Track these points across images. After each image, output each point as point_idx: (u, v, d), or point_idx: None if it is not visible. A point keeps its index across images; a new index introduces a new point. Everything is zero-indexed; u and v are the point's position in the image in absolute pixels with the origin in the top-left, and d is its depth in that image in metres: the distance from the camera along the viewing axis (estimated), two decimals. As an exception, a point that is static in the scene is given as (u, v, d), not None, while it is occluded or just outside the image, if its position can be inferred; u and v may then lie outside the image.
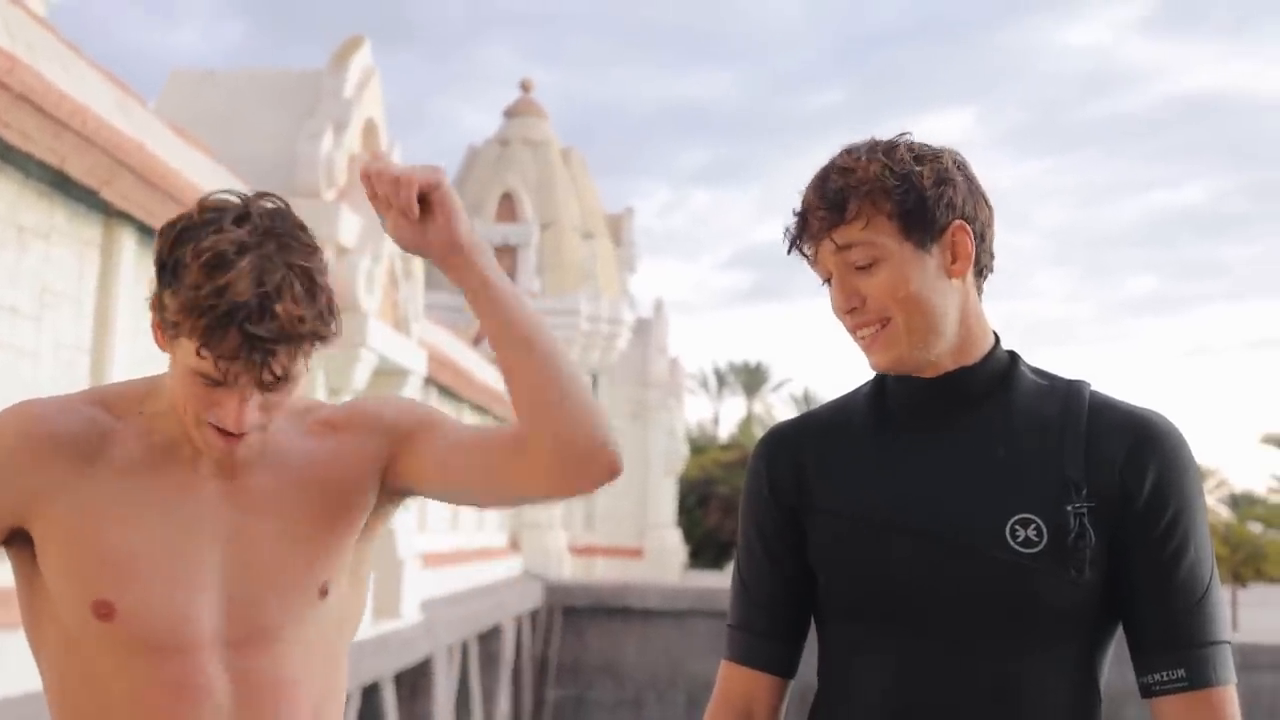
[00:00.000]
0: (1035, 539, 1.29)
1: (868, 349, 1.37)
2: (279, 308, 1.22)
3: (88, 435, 1.31)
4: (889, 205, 1.32)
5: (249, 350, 1.22)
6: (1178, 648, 1.31)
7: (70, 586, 1.28)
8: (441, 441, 1.36)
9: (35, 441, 1.29)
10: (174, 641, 1.27)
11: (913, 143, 1.37)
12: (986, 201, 1.40)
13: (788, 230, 1.38)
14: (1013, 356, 1.41)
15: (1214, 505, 35.08)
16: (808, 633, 1.45)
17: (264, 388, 1.25)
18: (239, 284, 1.21)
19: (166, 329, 1.26)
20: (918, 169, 1.33)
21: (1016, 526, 1.30)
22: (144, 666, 1.27)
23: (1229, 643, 1.34)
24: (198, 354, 1.22)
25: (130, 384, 1.37)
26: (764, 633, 1.43)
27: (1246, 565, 24.12)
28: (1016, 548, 1.29)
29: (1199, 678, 1.30)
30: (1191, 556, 1.32)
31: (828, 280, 1.38)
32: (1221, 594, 1.36)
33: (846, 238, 1.33)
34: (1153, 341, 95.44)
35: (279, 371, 1.24)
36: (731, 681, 1.45)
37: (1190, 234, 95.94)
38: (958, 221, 1.34)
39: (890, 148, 1.35)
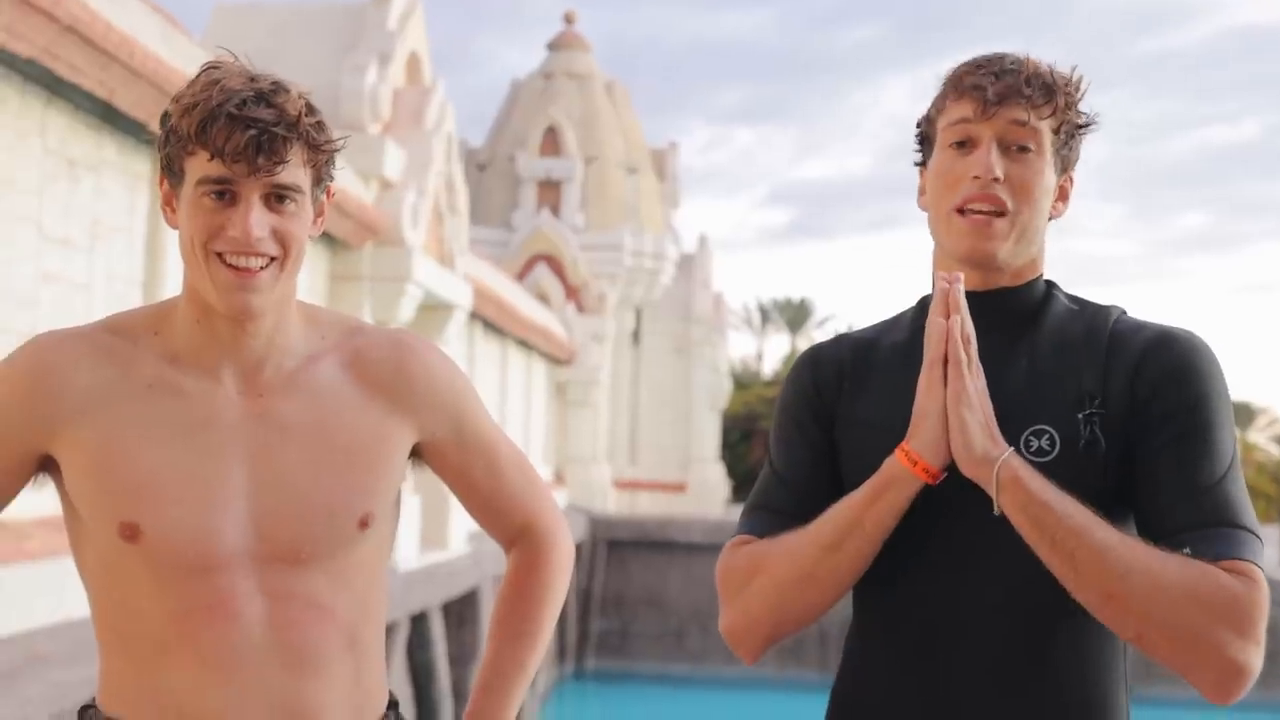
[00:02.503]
0: (1048, 448, 1.32)
1: (972, 229, 1.37)
2: (275, 99, 1.24)
3: (103, 362, 1.31)
4: (1065, 117, 1.40)
5: (244, 130, 1.21)
6: (1184, 529, 1.28)
7: (97, 510, 1.29)
8: (463, 466, 1.43)
9: (51, 372, 1.29)
10: (202, 561, 1.28)
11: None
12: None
13: (966, 78, 1.39)
14: (1049, 285, 1.44)
15: (1264, 444, 34.64)
16: None
17: (267, 177, 1.23)
18: (231, 80, 1.24)
19: (172, 175, 1.27)
20: (1070, 108, 1.40)
21: (1031, 437, 1.33)
22: (176, 586, 1.28)
23: (1250, 530, 1.27)
24: (197, 150, 1.23)
25: (143, 309, 1.37)
26: (788, 512, 1.42)
27: (1296, 504, 23.84)
28: (1030, 457, 1.32)
29: (1206, 550, 1.26)
30: (1199, 449, 1.30)
31: (960, 143, 1.38)
32: (1243, 490, 1.31)
33: (1034, 118, 1.37)
34: (1203, 279, 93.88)
35: (280, 156, 1.23)
36: (735, 546, 1.44)
37: (1244, 171, 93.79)
38: (1072, 172, 1.44)
39: (1052, 77, 1.40)
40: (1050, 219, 1.43)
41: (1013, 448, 1.31)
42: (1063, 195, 1.44)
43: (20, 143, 5.42)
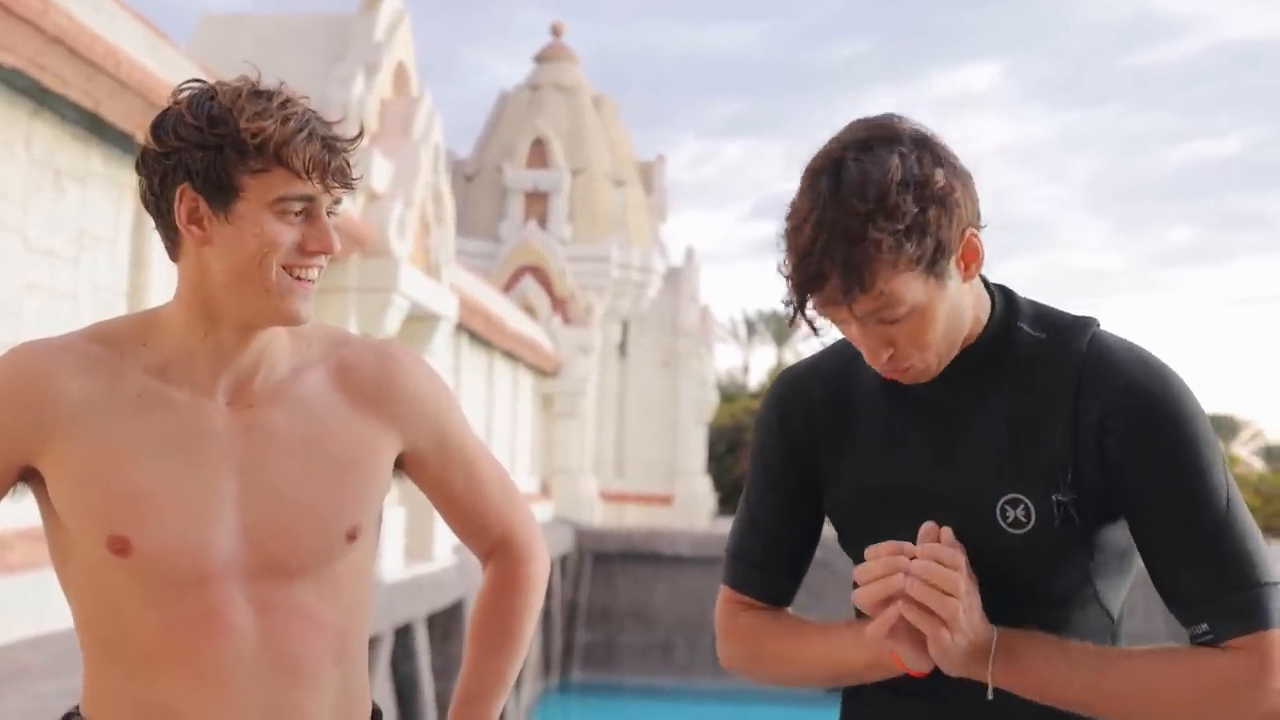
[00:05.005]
0: (1024, 520, 1.30)
1: (903, 378, 1.35)
2: (327, 116, 1.32)
3: (90, 372, 1.29)
4: (907, 262, 1.24)
5: (328, 149, 1.28)
6: (1200, 601, 1.28)
7: (85, 524, 1.28)
8: (444, 478, 1.45)
9: (36, 382, 1.28)
10: (193, 573, 1.27)
11: (897, 173, 1.24)
12: (967, 175, 1.31)
13: (792, 299, 1.27)
14: (1007, 316, 1.36)
15: (1248, 457, 34.76)
16: (805, 569, 1.50)
17: (340, 191, 1.30)
18: (296, 102, 1.30)
19: (221, 190, 1.27)
20: (923, 214, 1.24)
21: (1006, 507, 1.31)
22: (166, 599, 1.27)
23: (1263, 584, 1.27)
24: (273, 167, 1.26)
25: (129, 318, 1.36)
26: (762, 564, 1.47)
27: (1279, 518, 23.95)
28: (1006, 529, 1.30)
29: (1224, 629, 1.27)
30: (1190, 513, 1.27)
31: (840, 324, 1.31)
32: (1249, 538, 1.29)
33: (870, 305, 1.26)
34: (1190, 293, 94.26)
35: (349, 172, 1.31)
36: (730, 605, 1.49)
37: (1230, 185, 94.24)
38: (969, 232, 1.29)
39: (881, 196, 1.23)
40: (966, 278, 1.31)
41: (994, 630, 1.29)
42: (968, 259, 1.30)
43: (6, 153, 5.41)
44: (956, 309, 1.31)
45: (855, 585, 1.32)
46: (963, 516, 1.32)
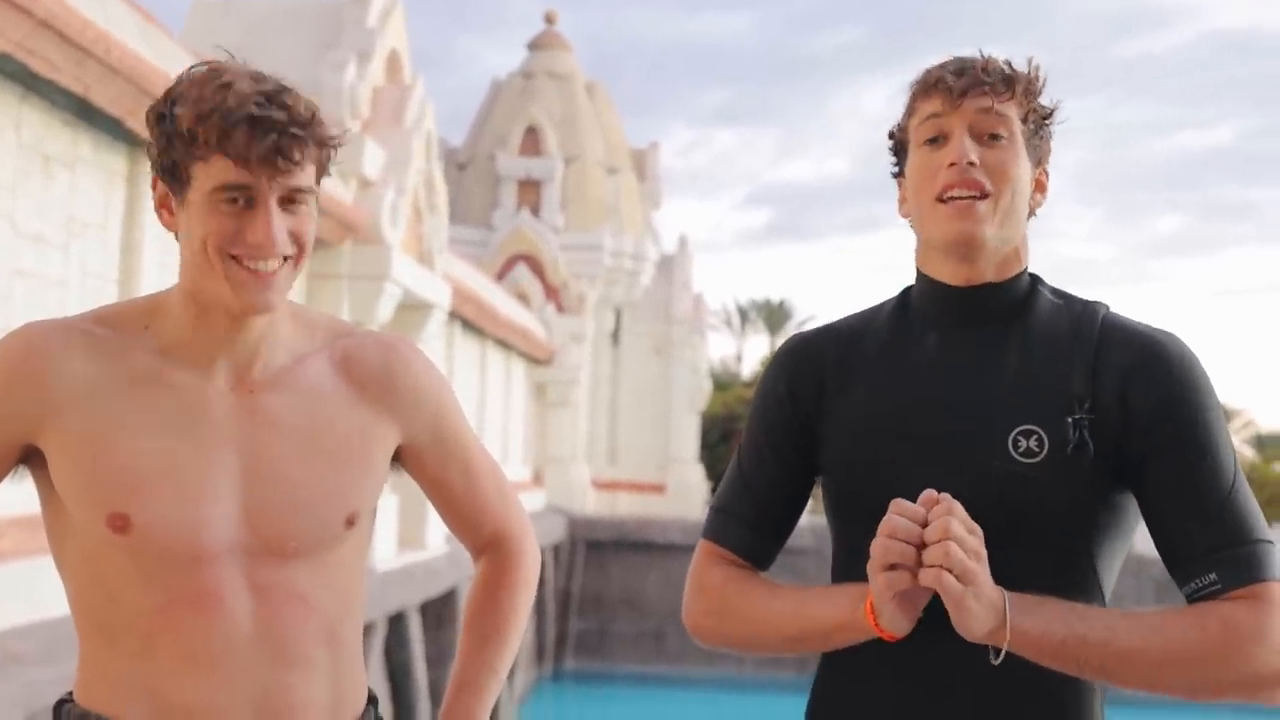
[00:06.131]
0: (1036, 449, 1.33)
1: (956, 214, 1.38)
2: (285, 99, 1.26)
3: (92, 353, 1.30)
4: (1030, 105, 1.42)
5: (264, 135, 1.22)
6: (1205, 553, 1.31)
7: (85, 501, 1.28)
8: (440, 471, 1.46)
9: (38, 363, 1.29)
10: (191, 552, 1.28)
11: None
12: None
13: (930, 76, 1.42)
14: (1034, 279, 1.44)
15: (1240, 446, 34.95)
16: (788, 535, 1.51)
17: (286, 180, 1.25)
18: (240, 84, 1.25)
19: (174, 178, 1.26)
20: (1046, 115, 1.44)
21: (1019, 437, 1.34)
22: (163, 578, 1.28)
23: (1266, 541, 1.32)
24: (211, 156, 1.23)
25: (132, 302, 1.37)
26: (747, 520, 1.49)
27: (1271, 506, 24.06)
28: (1017, 457, 1.33)
29: (1231, 578, 1.30)
30: (1207, 465, 1.33)
31: (932, 139, 1.40)
32: (1250, 499, 1.35)
33: (998, 107, 1.40)
34: (1179, 283, 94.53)
35: (297, 157, 1.24)
36: (707, 558, 1.51)
37: (1219, 175, 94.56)
38: (1046, 165, 1.46)
39: (1026, 74, 1.44)
40: (1030, 212, 1.44)
41: (1003, 592, 1.29)
42: (1039, 187, 1.46)
43: (-5, 138, 5.37)
44: (1025, 197, 1.42)
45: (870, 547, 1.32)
46: (975, 446, 1.35)
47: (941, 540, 1.26)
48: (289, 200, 1.27)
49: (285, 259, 1.28)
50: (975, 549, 1.27)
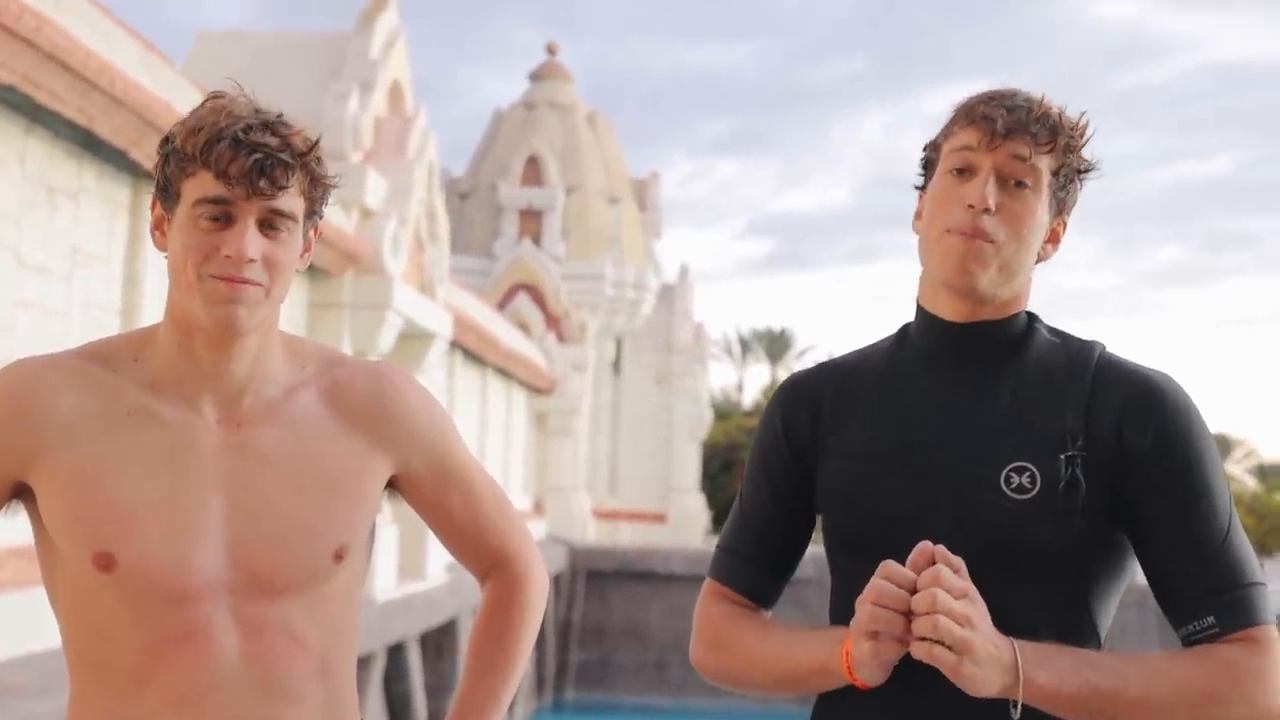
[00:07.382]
0: (1029, 486, 1.33)
1: (961, 254, 1.37)
2: (280, 129, 1.27)
3: (81, 389, 1.30)
4: (1065, 160, 1.39)
5: (248, 153, 1.23)
6: (1203, 596, 1.32)
7: (72, 539, 1.28)
8: (440, 498, 1.44)
9: (27, 399, 1.28)
10: (178, 591, 1.27)
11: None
12: None
13: (976, 108, 1.39)
14: (1031, 317, 1.45)
15: (1241, 475, 34.83)
16: (792, 571, 1.52)
17: (264, 201, 1.25)
18: (238, 108, 1.27)
19: (167, 198, 1.28)
20: (1080, 165, 1.42)
21: (1011, 474, 1.34)
22: (151, 616, 1.27)
23: (1260, 584, 1.33)
24: (198, 171, 1.24)
25: (123, 336, 1.36)
26: (749, 557, 1.50)
27: (1273, 536, 23.97)
28: (1010, 494, 1.33)
29: (1229, 621, 1.31)
30: (1204, 507, 1.33)
31: (960, 170, 1.39)
32: (1245, 541, 1.35)
33: (1035, 155, 1.37)
34: (1180, 313, 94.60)
35: (281, 182, 1.25)
36: (710, 596, 1.52)
37: (1219, 205, 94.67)
38: (1066, 216, 1.44)
39: (1069, 119, 1.42)
40: (1038, 261, 1.43)
41: (1013, 645, 1.28)
42: (1053, 238, 1.44)
43: (-1, 169, 5.40)
44: (1034, 251, 1.41)
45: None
46: (969, 483, 1.35)
47: (929, 613, 1.25)
48: (268, 224, 1.27)
49: (257, 285, 1.27)
50: (965, 615, 1.25)
